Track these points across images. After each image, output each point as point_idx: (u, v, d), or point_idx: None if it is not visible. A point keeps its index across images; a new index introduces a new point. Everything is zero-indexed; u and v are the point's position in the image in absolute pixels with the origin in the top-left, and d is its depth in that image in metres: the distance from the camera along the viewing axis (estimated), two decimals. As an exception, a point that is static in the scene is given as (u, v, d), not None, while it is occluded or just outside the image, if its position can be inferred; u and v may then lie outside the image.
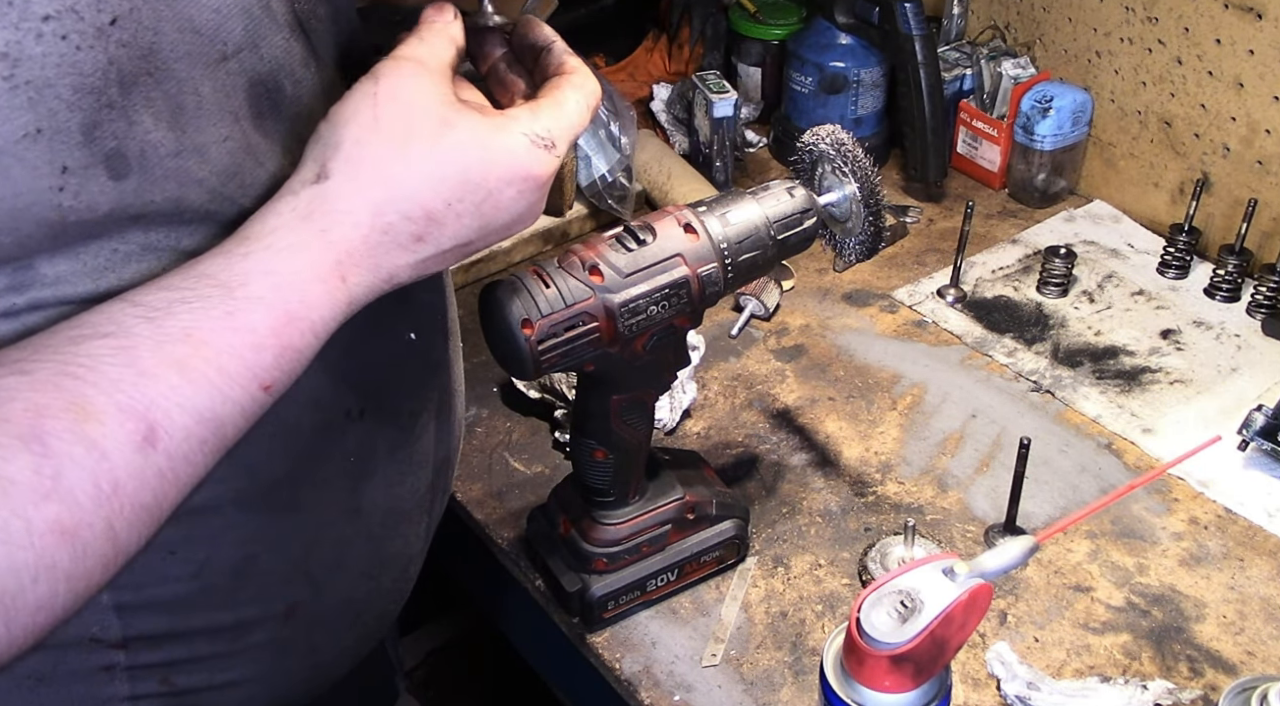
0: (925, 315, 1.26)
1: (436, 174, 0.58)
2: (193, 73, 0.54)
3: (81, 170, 0.51)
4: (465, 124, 0.59)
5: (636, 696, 0.88)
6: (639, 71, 1.60)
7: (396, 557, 0.79)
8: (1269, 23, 1.19)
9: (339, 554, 0.74)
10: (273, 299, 0.53)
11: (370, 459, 0.73)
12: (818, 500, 1.04)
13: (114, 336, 0.49)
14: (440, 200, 0.58)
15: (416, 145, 0.57)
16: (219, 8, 0.55)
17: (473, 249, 0.61)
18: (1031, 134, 1.37)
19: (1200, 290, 1.28)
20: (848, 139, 0.85)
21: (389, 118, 0.57)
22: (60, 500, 0.45)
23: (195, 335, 0.50)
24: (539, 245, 1.35)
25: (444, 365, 0.80)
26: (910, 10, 1.32)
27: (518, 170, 0.59)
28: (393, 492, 0.75)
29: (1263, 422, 1.03)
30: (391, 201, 0.57)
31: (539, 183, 0.61)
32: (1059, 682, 0.86)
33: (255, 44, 0.58)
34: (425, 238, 0.58)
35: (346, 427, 0.70)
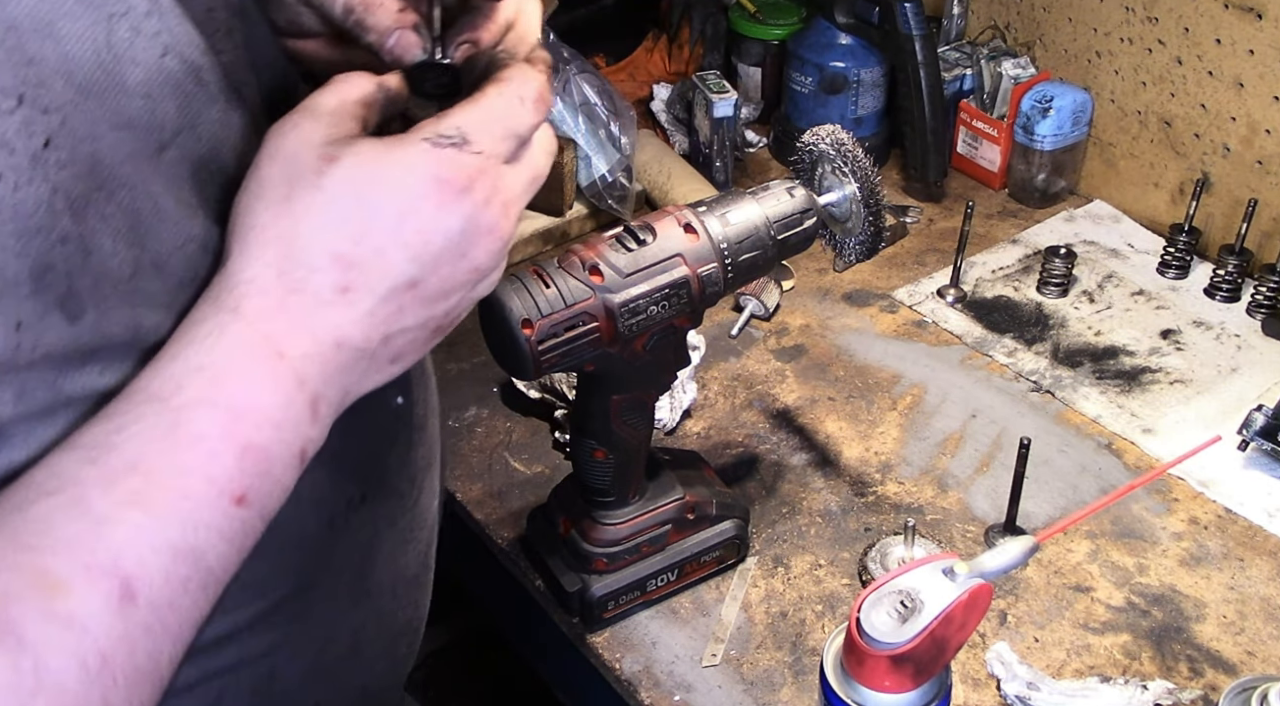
0: (925, 315, 1.26)
1: (329, 214, 0.51)
2: (141, 173, 0.48)
3: (36, 322, 0.44)
4: (350, 152, 0.52)
5: (636, 696, 0.88)
6: (639, 71, 1.60)
7: (409, 623, 0.76)
8: (1269, 23, 1.19)
9: (355, 641, 0.70)
10: (212, 396, 0.48)
11: (375, 539, 0.69)
12: (818, 500, 1.04)
13: (60, 491, 0.44)
14: (345, 240, 0.51)
15: (300, 193, 0.51)
16: (149, 92, 0.49)
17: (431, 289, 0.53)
18: (1031, 134, 1.37)
19: (1200, 290, 1.28)
20: (848, 139, 0.85)
21: (269, 178, 0.51)
22: (48, 694, 0.41)
23: (144, 463, 0.45)
24: (539, 245, 1.35)
25: (430, 417, 0.75)
26: (910, 10, 1.32)
27: (422, 179, 0.52)
28: (398, 564, 0.72)
29: (1263, 422, 1.03)
30: (290, 258, 0.50)
31: (458, 187, 0.53)
32: (1059, 682, 0.86)
33: (192, 123, 0.52)
34: (351, 286, 0.51)
35: (350, 517, 0.66)
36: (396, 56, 0.61)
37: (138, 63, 0.49)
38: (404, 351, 0.55)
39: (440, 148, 0.53)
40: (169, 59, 0.50)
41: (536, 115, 0.57)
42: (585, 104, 1.33)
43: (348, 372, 0.52)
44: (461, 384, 1.18)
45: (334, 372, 0.52)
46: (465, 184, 0.53)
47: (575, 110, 1.32)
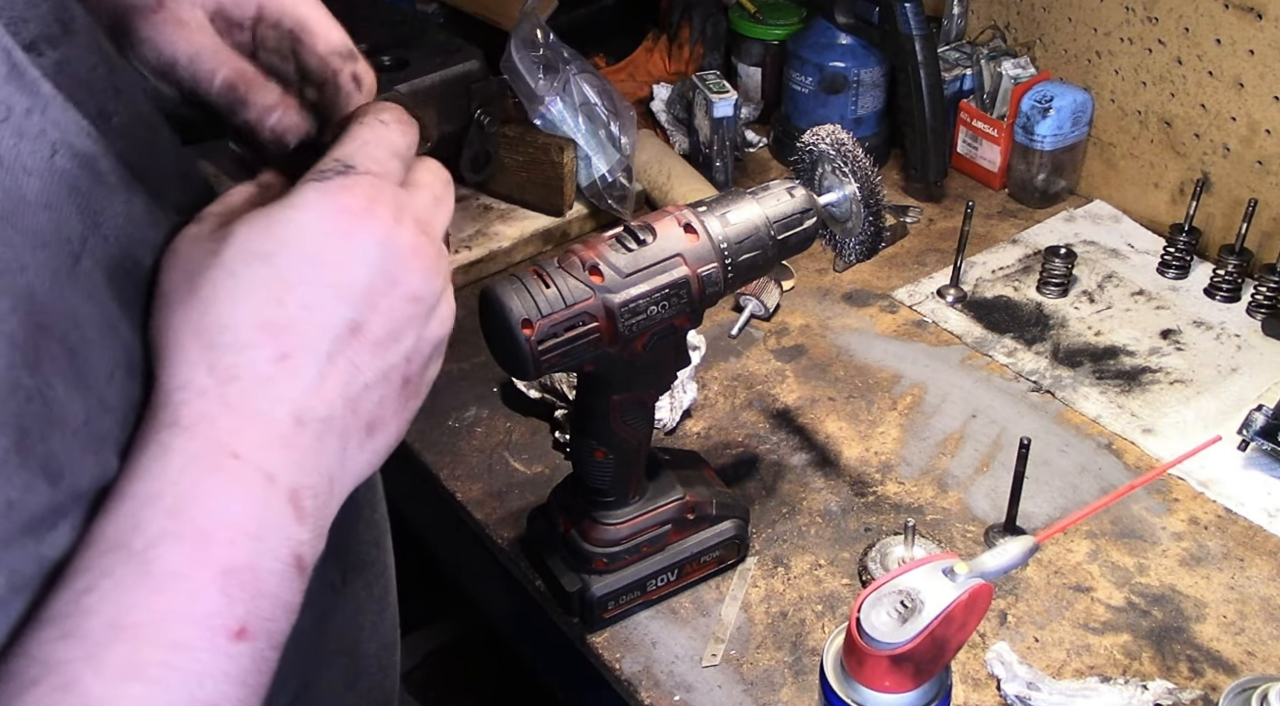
0: (925, 315, 1.26)
1: (238, 286, 0.46)
2: (65, 296, 0.43)
3: (25, 495, 0.41)
4: (240, 223, 0.47)
5: (636, 696, 0.88)
6: (639, 71, 1.60)
7: (391, 692, 0.73)
8: (1269, 23, 1.19)
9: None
10: (174, 528, 0.43)
11: (359, 616, 0.67)
12: (818, 500, 1.04)
13: (44, 678, 0.40)
14: (264, 305, 0.46)
15: (202, 279, 0.46)
16: (49, 201, 0.43)
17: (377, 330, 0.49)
18: (1031, 134, 1.37)
19: (1200, 290, 1.28)
20: (848, 139, 0.85)
21: (169, 284, 0.47)
22: None
23: (125, 623, 0.41)
24: (539, 245, 1.35)
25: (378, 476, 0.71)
26: (910, 10, 1.32)
27: (320, 215, 0.48)
28: (380, 633, 0.70)
29: (1263, 422, 1.03)
30: (214, 345, 0.45)
31: (359, 209, 0.48)
32: (1059, 682, 0.86)
33: (97, 224, 0.45)
34: (289, 352, 0.46)
35: (335, 602, 0.63)
36: (279, 134, 0.59)
37: (30, 171, 0.43)
38: (378, 417, 0.49)
39: (327, 180, 0.49)
40: (59, 158, 0.44)
41: (405, 134, 0.54)
42: (585, 104, 1.33)
43: (321, 453, 0.47)
44: (461, 384, 1.18)
45: (306, 457, 0.46)
46: (366, 204, 0.49)
47: (575, 110, 1.32)
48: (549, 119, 1.32)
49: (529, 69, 1.31)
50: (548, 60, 1.32)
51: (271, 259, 0.47)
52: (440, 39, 1.32)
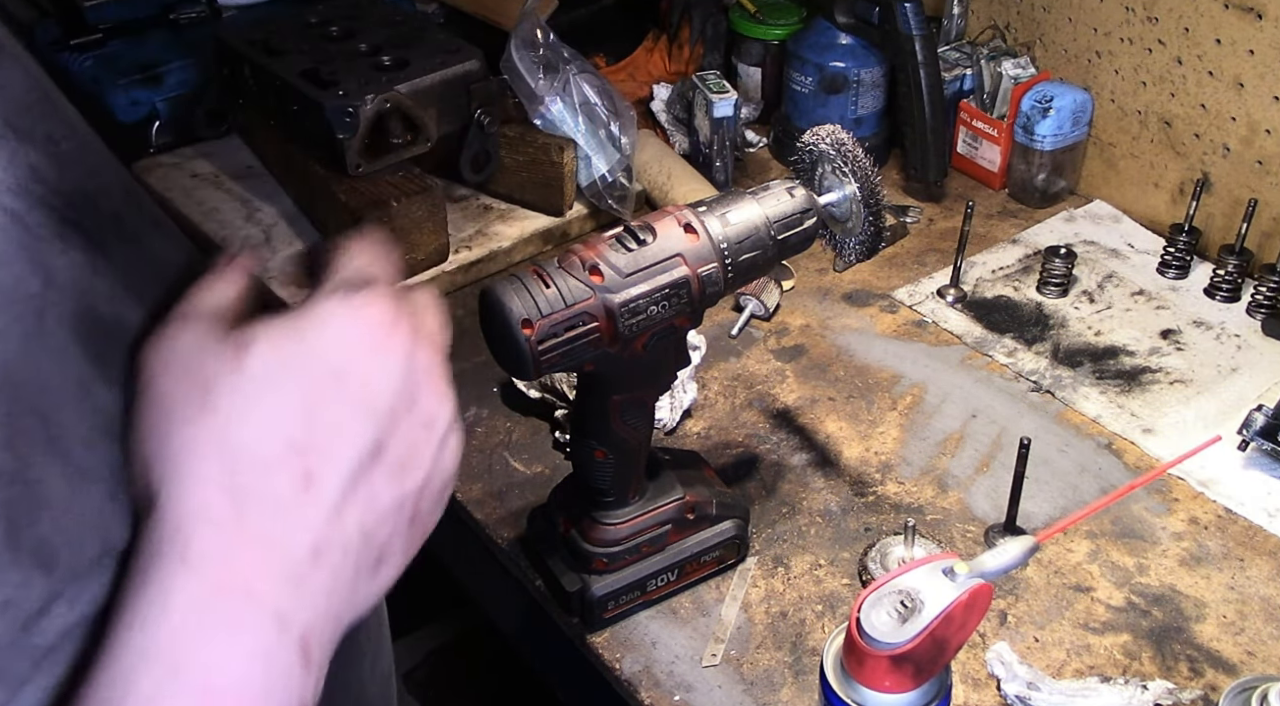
0: (925, 315, 1.26)
1: (266, 402, 0.44)
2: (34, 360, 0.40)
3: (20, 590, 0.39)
4: (261, 333, 0.45)
5: (636, 696, 0.88)
6: (639, 71, 1.60)
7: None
8: (1269, 23, 1.19)
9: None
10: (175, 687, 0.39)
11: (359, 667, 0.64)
12: (818, 500, 1.04)
13: None
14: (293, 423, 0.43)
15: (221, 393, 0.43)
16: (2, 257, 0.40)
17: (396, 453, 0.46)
18: (1031, 134, 1.37)
19: (1200, 290, 1.28)
20: (848, 139, 0.85)
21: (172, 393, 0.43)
22: None
23: None
24: (539, 245, 1.35)
25: None
26: (910, 10, 1.32)
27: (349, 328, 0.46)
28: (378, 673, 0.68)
29: (1263, 422, 1.03)
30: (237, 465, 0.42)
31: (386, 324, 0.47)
32: (1059, 682, 0.86)
33: (49, 278, 0.42)
34: (314, 473, 0.43)
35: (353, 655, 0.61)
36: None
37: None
38: (387, 547, 0.47)
39: (353, 293, 0.47)
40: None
41: (394, 261, 0.52)
42: (585, 104, 1.33)
43: (334, 591, 0.44)
44: (461, 384, 1.17)
45: (319, 597, 0.43)
46: (393, 319, 0.47)
47: (575, 110, 1.32)
48: (549, 119, 1.32)
49: (529, 69, 1.31)
50: (548, 60, 1.32)
51: (299, 374, 0.44)
52: (440, 39, 1.32)
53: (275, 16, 1.43)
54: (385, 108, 1.20)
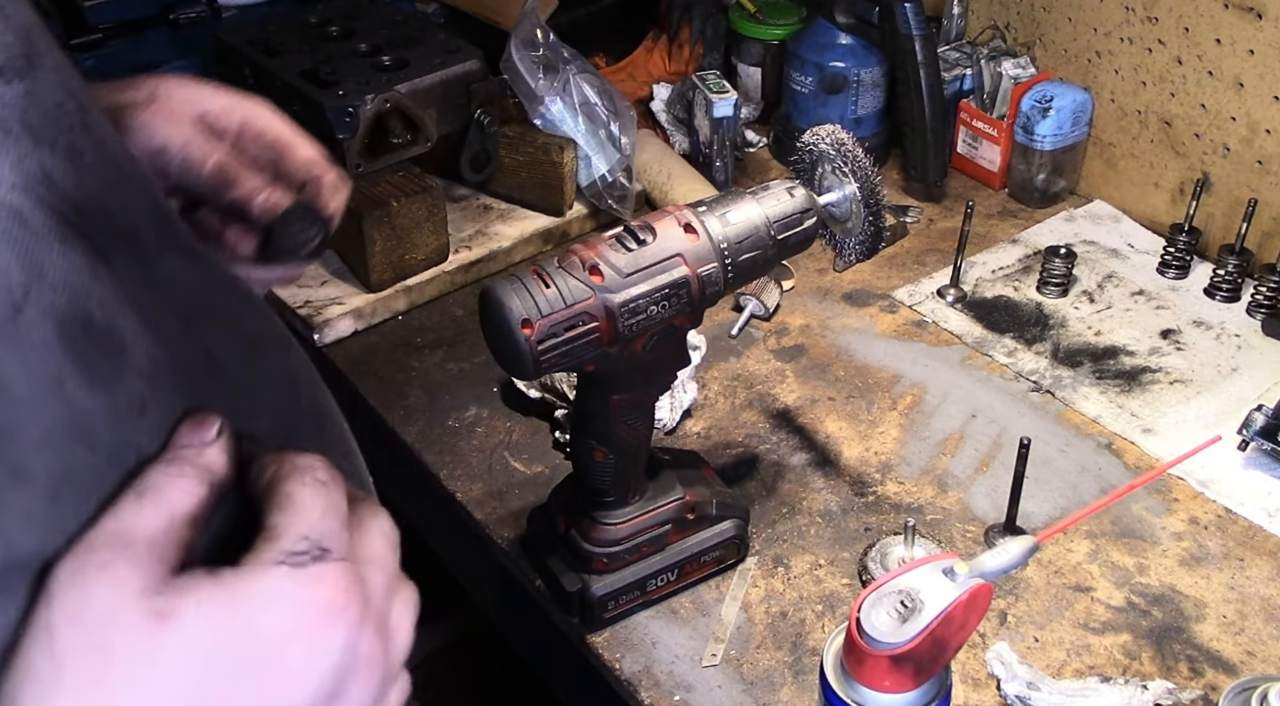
0: (925, 315, 1.26)
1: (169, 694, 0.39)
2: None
3: None
4: (190, 602, 0.40)
5: (636, 696, 0.88)
6: (639, 71, 1.60)
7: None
8: (1269, 23, 1.19)
9: None
10: None
11: None
12: (818, 500, 1.04)
13: None
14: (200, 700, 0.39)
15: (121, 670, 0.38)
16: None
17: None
18: (1031, 134, 1.37)
19: (1200, 290, 1.28)
20: (848, 139, 0.85)
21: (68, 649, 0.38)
22: None
23: None
24: (539, 245, 1.35)
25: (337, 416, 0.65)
26: (910, 10, 1.32)
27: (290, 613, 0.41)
28: None
29: (1263, 422, 1.03)
30: None
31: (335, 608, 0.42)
32: (1059, 682, 0.86)
33: (40, 273, 0.41)
34: None
35: None
36: (268, 207, 0.63)
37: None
38: None
39: (302, 566, 0.42)
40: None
41: (344, 494, 0.47)
42: (585, 104, 1.33)
43: None
44: (461, 384, 1.18)
45: None
46: (343, 602, 0.43)
47: (575, 110, 1.32)
48: (549, 119, 1.32)
49: (529, 69, 1.31)
50: (548, 60, 1.32)
51: (218, 665, 0.40)
52: (440, 39, 1.32)
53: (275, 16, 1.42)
54: (385, 108, 1.20)
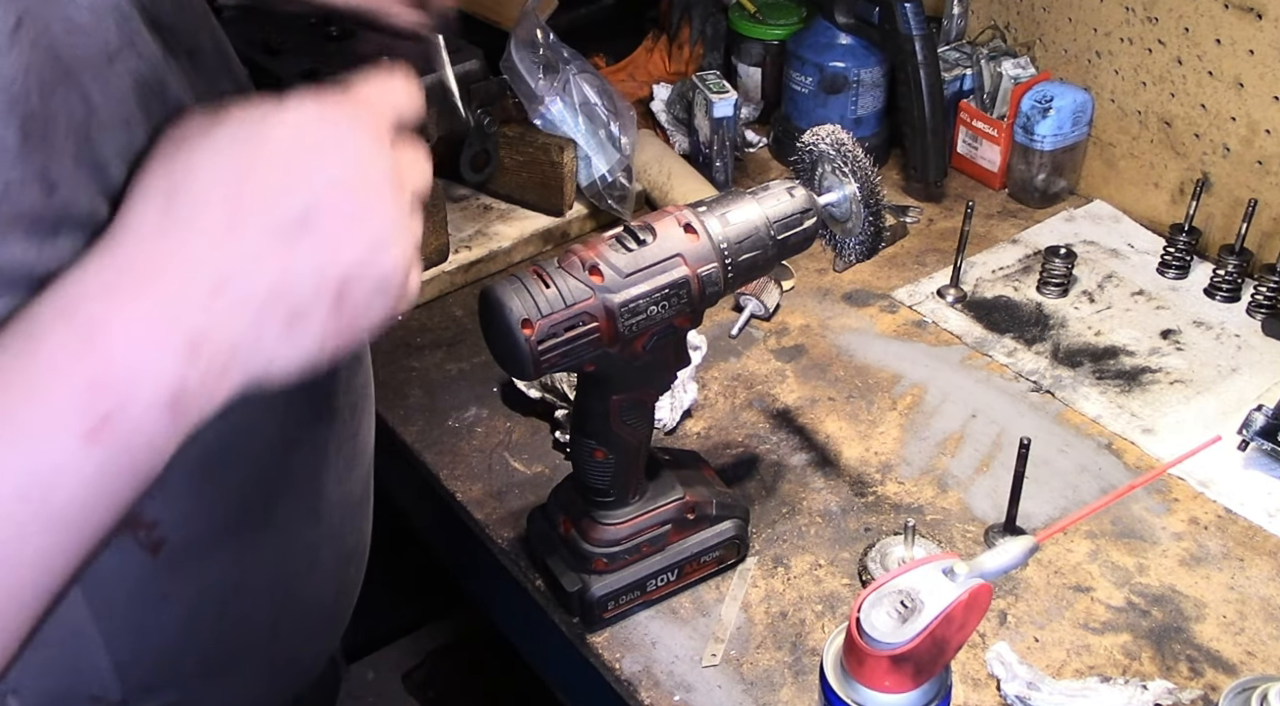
0: (925, 315, 1.26)
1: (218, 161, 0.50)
2: (91, 77, 0.52)
3: (19, 187, 0.48)
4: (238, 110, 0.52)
5: (636, 696, 0.88)
6: (639, 71, 1.60)
7: (356, 548, 0.81)
8: (1269, 23, 1.19)
9: (311, 560, 0.74)
10: (69, 321, 0.46)
11: (324, 461, 0.72)
12: (818, 500, 1.04)
13: None
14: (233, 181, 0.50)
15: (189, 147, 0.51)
16: (93, 5, 0.52)
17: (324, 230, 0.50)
18: (1031, 134, 1.37)
19: (1200, 290, 1.28)
20: (848, 139, 0.85)
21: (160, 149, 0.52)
22: None
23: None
24: (539, 245, 1.35)
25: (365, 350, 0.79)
26: (910, 10, 1.32)
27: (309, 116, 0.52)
28: (344, 488, 0.76)
29: (1263, 422, 1.03)
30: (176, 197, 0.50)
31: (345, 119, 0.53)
32: (1059, 682, 0.86)
33: (132, 42, 0.54)
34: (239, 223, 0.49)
35: (301, 437, 0.69)
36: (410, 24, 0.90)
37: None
38: (300, 314, 0.50)
39: (323, 92, 0.53)
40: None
41: (409, 97, 0.57)
42: (585, 104, 1.33)
43: (233, 323, 0.48)
44: (461, 384, 1.18)
45: (218, 318, 0.48)
46: (352, 118, 0.53)
47: (575, 110, 1.32)
48: (549, 119, 1.32)
49: (529, 69, 1.31)
50: (548, 60, 1.32)
51: (253, 144, 0.50)
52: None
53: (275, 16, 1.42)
54: (385, 108, 1.20)
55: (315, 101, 0.53)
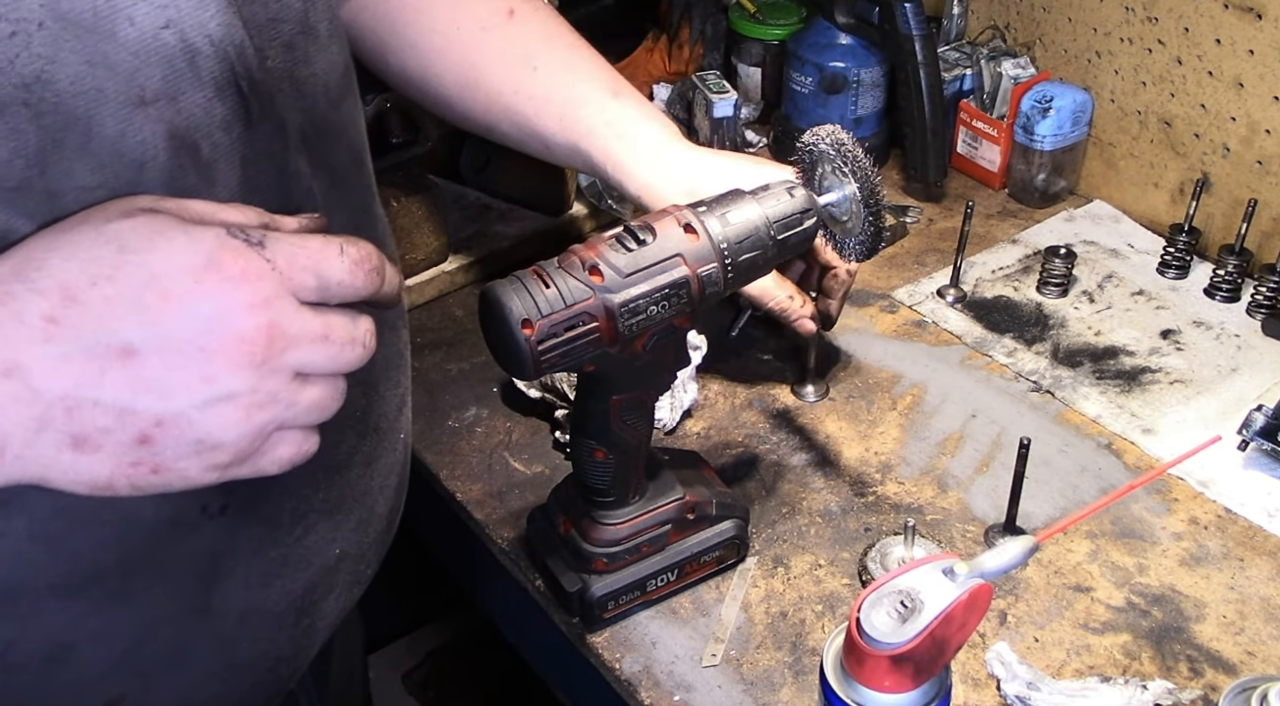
0: (925, 315, 1.26)
1: (84, 252, 0.48)
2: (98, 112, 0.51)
3: None
4: (151, 213, 0.51)
5: (636, 696, 0.88)
6: (639, 71, 1.60)
7: (260, 659, 0.73)
8: (1269, 23, 1.19)
9: (178, 651, 0.67)
10: None
11: (228, 558, 0.66)
12: (818, 500, 1.04)
13: None
14: (83, 278, 0.48)
15: (77, 226, 0.50)
16: (138, 51, 0.52)
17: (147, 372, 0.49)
18: (1031, 134, 1.37)
19: (1200, 290, 1.28)
20: (848, 139, 0.85)
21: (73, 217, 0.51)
22: None
23: None
24: (539, 245, 1.35)
25: (354, 465, 0.73)
26: (910, 10, 1.32)
27: (195, 256, 0.49)
28: (254, 594, 0.69)
29: (1263, 422, 1.03)
30: (22, 270, 0.48)
31: (225, 272, 0.49)
32: (1059, 682, 0.86)
33: (174, 97, 0.54)
34: (60, 320, 0.47)
35: (200, 525, 0.63)
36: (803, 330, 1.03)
37: (134, 23, 0.52)
38: (89, 439, 0.49)
39: (232, 236, 0.50)
40: (168, 33, 0.53)
41: (353, 274, 0.54)
42: (585, 104, 1.32)
43: (7, 411, 0.47)
44: (461, 384, 1.18)
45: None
46: (235, 274, 0.50)
47: (575, 110, 1.32)
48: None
49: (529, 69, 1.31)
50: (548, 60, 1.32)
51: (125, 254, 0.48)
52: (440, 39, 1.32)
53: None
54: (385, 108, 1.20)
55: (218, 239, 0.50)
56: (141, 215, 0.50)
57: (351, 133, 0.71)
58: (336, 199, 0.68)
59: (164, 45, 0.53)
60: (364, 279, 0.54)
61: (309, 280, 0.52)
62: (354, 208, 0.71)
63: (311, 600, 0.74)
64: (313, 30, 0.64)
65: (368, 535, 0.78)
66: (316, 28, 0.64)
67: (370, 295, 0.55)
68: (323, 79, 0.65)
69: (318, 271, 0.52)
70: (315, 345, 0.52)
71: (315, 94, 0.65)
